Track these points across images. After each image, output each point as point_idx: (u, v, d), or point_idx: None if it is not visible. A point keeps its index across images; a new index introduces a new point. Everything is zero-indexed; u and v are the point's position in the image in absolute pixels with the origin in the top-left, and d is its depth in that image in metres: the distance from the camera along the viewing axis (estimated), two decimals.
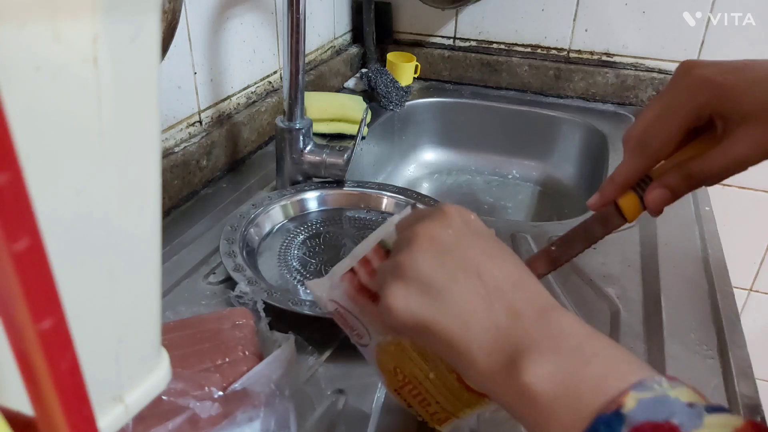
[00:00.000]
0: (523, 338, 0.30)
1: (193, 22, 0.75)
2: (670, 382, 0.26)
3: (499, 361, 0.30)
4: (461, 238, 0.33)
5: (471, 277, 0.32)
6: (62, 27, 0.18)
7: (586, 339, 0.29)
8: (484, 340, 0.30)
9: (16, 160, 0.14)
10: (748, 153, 0.39)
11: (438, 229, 0.33)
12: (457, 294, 0.31)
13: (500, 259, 0.33)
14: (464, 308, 0.31)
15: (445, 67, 1.24)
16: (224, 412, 0.38)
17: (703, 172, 0.41)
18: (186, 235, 0.70)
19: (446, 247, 0.33)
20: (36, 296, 0.16)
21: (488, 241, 0.34)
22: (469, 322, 0.31)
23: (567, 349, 0.29)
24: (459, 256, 0.32)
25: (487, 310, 0.31)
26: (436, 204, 0.36)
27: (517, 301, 0.31)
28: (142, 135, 0.23)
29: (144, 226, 0.25)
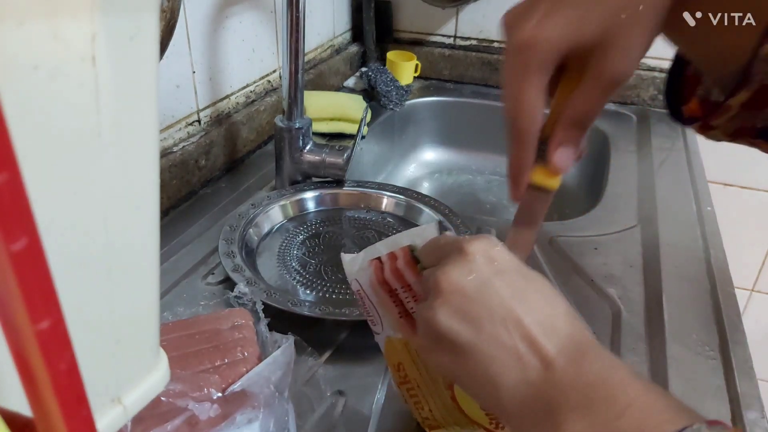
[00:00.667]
0: (555, 393, 0.29)
1: (192, 21, 0.75)
2: (711, 428, 0.25)
3: (530, 415, 0.29)
4: (485, 284, 0.32)
5: (497, 327, 0.31)
6: (61, 26, 0.18)
7: (619, 387, 0.28)
8: (516, 395, 0.30)
9: (14, 159, 0.14)
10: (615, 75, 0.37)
11: (459, 277, 0.32)
12: (483, 350, 0.30)
13: (527, 300, 0.32)
14: (492, 366, 0.30)
15: (445, 66, 1.24)
16: (223, 413, 0.38)
17: (583, 110, 0.38)
18: (184, 235, 0.70)
19: (469, 296, 0.32)
20: (34, 297, 0.15)
21: (515, 279, 0.32)
22: (499, 379, 0.30)
23: (599, 401, 0.28)
24: (483, 305, 0.31)
25: (515, 364, 0.30)
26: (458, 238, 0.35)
27: (548, 349, 0.30)
28: (141, 134, 0.23)
29: (142, 226, 0.25)
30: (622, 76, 0.37)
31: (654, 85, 1.12)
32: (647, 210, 0.79)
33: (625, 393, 0.28)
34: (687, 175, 0.90)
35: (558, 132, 0.40)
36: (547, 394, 0.29)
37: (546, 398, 0.29)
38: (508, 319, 0.31)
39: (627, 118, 1.10)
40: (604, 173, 0.92)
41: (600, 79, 0.37)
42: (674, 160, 0.95)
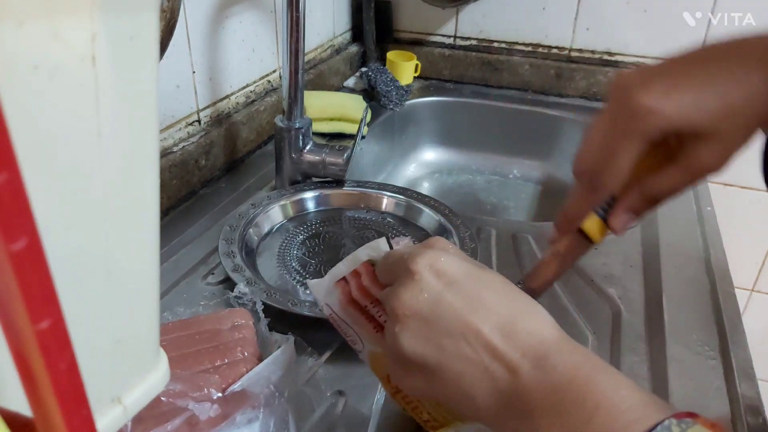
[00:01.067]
0: (525, 399, 0.29)
1: (192, 21, 0.75)
2: (680, 422, 0.25)
3: (510, 422, 0.30)
4: (437, 300, 0.32)
5: (458, 342, 0.30)
6: (61, 26, 0.18)
7: (585, 386, 0.28)
8: (491, 405, 0.30)
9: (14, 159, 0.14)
10: (707, 166, 0.38)
11: (411, 300, 0.32)
12: (450, 368, 0.31)
13: (483, 306, 0.31)
14: (462, 381, 0.30)
15: (445, 66, 1.24)
16: (223, 413, 0.38)
17: (664, 190, 0.40)
18: (184, 235, 0.70)
19: (425, 317, 0.31)
20: (34, 297, 0.15)
21: (467, 287, 0.32)
22: (472, 392, 0.30)
23: (569, 404, 0.28)
24: (440, 323, 0.31)
25: (483, 375, 0.30)
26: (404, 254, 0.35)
27: (510, 355, 0.30)
28: (141, 134, 0.23)
29: (142, 225, 0.25)
30: (714, 171, 0.38)
31: None
32: None
33: (592, 393, 0.28)
34: None
35: (630, 198, 0.41)
36: (519, 400, 0.29)
37: (519, 405, 0.29)
38: (466, 331, 0.30)
39: None
40: None
41: (691, 168, 0.38)
42: None
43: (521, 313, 0.31)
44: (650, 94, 0.36)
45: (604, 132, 0.39)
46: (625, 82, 0.37)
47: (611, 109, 0.38)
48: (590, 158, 0.39)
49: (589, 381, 0.28)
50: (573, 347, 0.30)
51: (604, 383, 0.28)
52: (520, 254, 0.69)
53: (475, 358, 0.30)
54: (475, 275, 0.33)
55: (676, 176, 0.39)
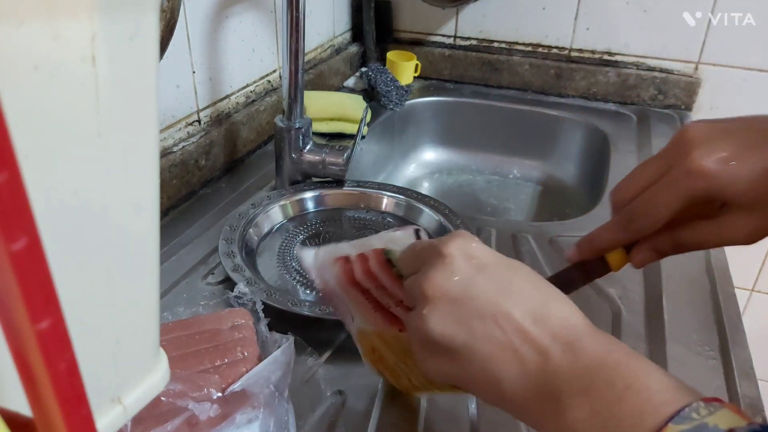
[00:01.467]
0: (555, 381, 0.29)
1: (192, 20, 0.75)
2: (707, 405, 0.26)
3: (534, 405, 0.30)
4: (469, 283, 0.32)
5: (488, 324, 0.31)
6: (61, 26, 0.18)
7: (616, 369, 0.28)
8: (518, 388, 0.30)
9: (14, 159, 0.14)
10: (740, 237, 0.38)
11: (442, 281, 0.32)
12: (479, 350, 0.31)
13: (514, 291, 0.32)
14: (490, 363, 0.30)
15: (445, 66, 1.24)
16: (223, 413, 0.38)
17: (693, 243, 0.40)
18: (184, 235, 0.70)
19: (455, 299, 0.32)
20: (34, 297, 0.15)
21: (498, 272, 0.33)
22: (499, 375, 0.30)
23: (598, 385, 0.28)
24: (471, 305, 0.31)
25: (512, 358, 0.30)
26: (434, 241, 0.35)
27: (541, 338, 0.30)
28: (141, 134, 0.23)
29: (142, 225, 0.25)
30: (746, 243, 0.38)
31: (654, 85, 1.12)
32: None
33: (622, 375, 0.28)
34: None
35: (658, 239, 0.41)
36: (547, 382, 0.29)
37: (547, 387, 0.29)
38: (498, 314, 0.31)
39: (627, 118, 1.10)
40: (604, 173, 0.92)
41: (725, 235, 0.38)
42: None
43: (551, 299, 0.32)
44: (711, 158, 0.36)
45: (654, 175, 0.39)
46: (692, 137, 0.37)
47: (668, 157, 0.38)
48: (632, 195, 0.40)
49: (619, 364, 0.28)
50: (603, 334, 0.31)
51: (635, 366, 0.28)
52: (520, 254, 0.69)
53: (506, 341, 0.30)
54: (505, 262, 0.33)
55: (709, 236, 0.39)
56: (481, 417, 0.47)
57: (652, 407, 0.26)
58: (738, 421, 0.25)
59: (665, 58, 1.12)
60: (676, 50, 1.11)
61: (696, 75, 1.11)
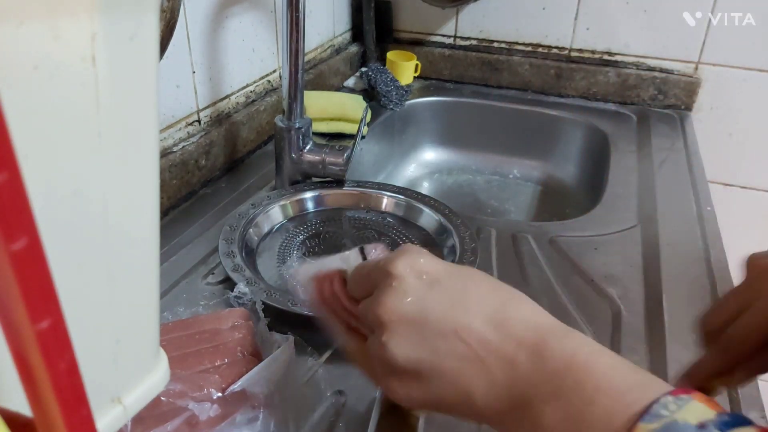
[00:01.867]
0: (524, 387, 0.29)
1: (192, 20, 0.75)
2: (676, 399, 0.25)
3: (510, 415, 0.29)
4: (423, 302, 0.31)
5: (450, 340, 0.30)
6: (61, 25, 0.18)
7: (584, 369, 0.28)
8: (490, 400, 0.30)
9: (14, 159, 0.14)
10: None
11: (396, 304, 0.31)
12: (445, 367, 0.30)
13: (470, 301, 0.31)
14: (458, 378, 0.30)
15: (445, 66, 1.24)
16: (223, 413, 0.38)
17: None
18: (184, 235, 0.70)
19: (413, 320, 0.31)
20: (34, 296, 0.15)
21: (451, 285, 0.32)
22: (468, 390, 0.30)
23: (568, 389, 0.28)
24: (430, 324, 0.31)
25: (479, 370, 0.30)
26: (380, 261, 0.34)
27: (505, 346, 0.30)
28: (141, 134, 0.23)
29: (142, 225, 0.25)
30: None
31: (654, 85, 1.12)
32: (647, 210, 0.79)
33: (591, 376, 0.28)
34: (687, 175, 0.90)
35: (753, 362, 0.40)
36: (517, 390, 0.29)
37: (518, 395, 0.29)
38: (458, 328, 0.30)
39: (627, 118, 1.10)
40: (604, 173, 0.92)
41: None
42: (674, 160, 0.95)
43: (509, 301, 0.31)
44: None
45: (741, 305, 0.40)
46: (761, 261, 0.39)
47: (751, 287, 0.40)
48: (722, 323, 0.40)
49: (587, 364, 0.28)
50: (567, 331, 0.30)
51: (603, 365, 0.28)
52: (520, 254, 0.69)
53: (470, 355, 0.30)
54: (455, 272, 0.33)
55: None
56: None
57: (621, 407, 0.26)
58: (707, 412, 0.25)
59: (665, 58, 1.12)
60: (676, 50, 1.11)
61: (696, 75, 1.11)
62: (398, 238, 0.71)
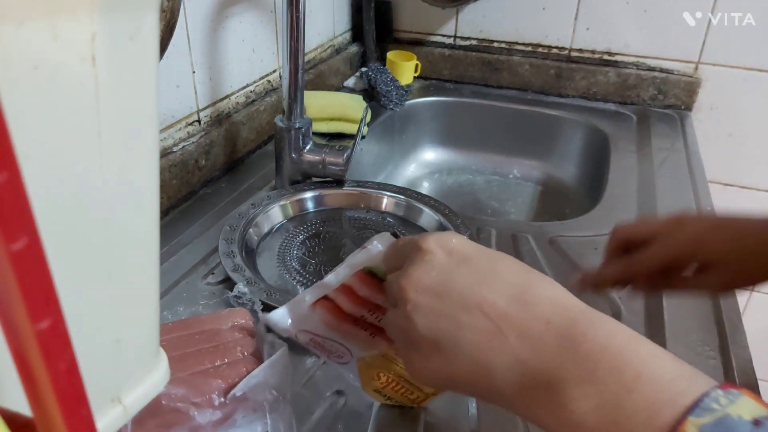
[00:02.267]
0: (552, 369, 0.27)
1: (192, 21, 0.75)
2: (726, 393, 0.24)
3: (532, 395, 0.28)
4: (449, 276, 0.31)
5: (474, 314, 0.29)
6: (61, 26, 0.18)
7: (622, 355, 0.26)
8: (511, 377, 0.28)
9: (14, 159, 0.14)
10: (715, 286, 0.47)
11: (422, 277, 0.31)
12: (466, 341, 0.29)
13: (497, 278, 0.30)
14: (479, 353, 0.29)
15: (445, 66, 1.24)
16: (223, 415, 0.38)
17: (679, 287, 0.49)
18: (184, 235, 0.70)
19: (437, 292, 0.31)
20: (34, 296, 0.15)
21: (479, 264, 0.31)
22: (490, 365, 0.29)
23: (604, 373, 0.26)
24: (454, 297, 0.30)
25: (502, 346, 0.28)
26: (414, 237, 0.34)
27: (532, 322, 0.28)
28: (141, 134, 0.23)
29: (142, 225, 0.25)
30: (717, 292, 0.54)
31: (654, 85, 1.12)
32: (647, 210, 0.79)
33: (630, 362, 0.26)
34: (687, 175, 0.90)
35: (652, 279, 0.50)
36: (544, 369, 0.27)
37: (544, 374, 0.27)
38: (483, 303, 0.29)
39: (627, 118, 1.10)
40: (604, 173, 0.92)
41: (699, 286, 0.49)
42: (674, 160, 0.95)
43: (538, 283, 0.30)
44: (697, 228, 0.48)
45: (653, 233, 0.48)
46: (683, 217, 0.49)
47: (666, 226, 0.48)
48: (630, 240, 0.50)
49: (624, 349, 0.26)
50: (600, 316, 0.29)
51: (643, 352, 0.26)
52: (520, 254, 0.69)
53: (493, 329, 0.29)
54: (487, 254, 0.32)
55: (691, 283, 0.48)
56: (481, 417, 0.47)
57: (667, 398, 0.24)
58: (759, 409, 0.23)
59: (665, 58, 1.12)
60: (676, 50, 1.11)
61: (696, 75, 1.11)
62: None
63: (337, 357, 0.42)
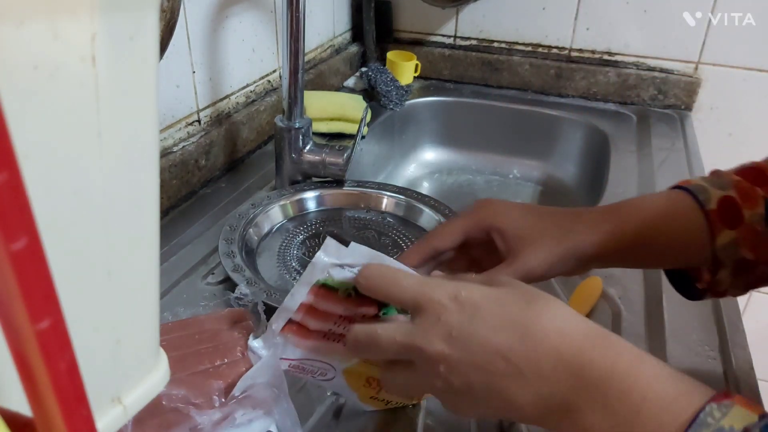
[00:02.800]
0: (569, 397, 0.31)
1: (192, 20, 0.75)
2: (720, 406, 0.27)
3: (555, 422, 0.32)
4: (467, 331, 0.33)
5: (497, 361, 0.32)
6: (61, 25, 0.18)
7: (628, 378, 0.29)
8: (537, 412, 0.32)
9: (14, 159, 0.14)
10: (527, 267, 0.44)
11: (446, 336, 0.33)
12: (496, 386, 0.32)
13: (507, 321, 0.33)
14: (507, 394, 0.32)
15: (445, 66, 1.24)
16: (223, 414, 0.38)
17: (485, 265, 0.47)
18: (184, 235, 0.70)
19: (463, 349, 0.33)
20: (34, 296, 0.15)
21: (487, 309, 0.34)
22: (518, 403, 0.32)
23: (614, 398, 0.29)
24: (476, 350, 0.33)
25: (525, 386, 0.32)
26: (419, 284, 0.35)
27: (544, 358, 0.31)
28: (141, 134, 0.23)
29: (142, 226, 0.25)
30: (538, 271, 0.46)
31: (654, 85, 1.12)
32: None
33: (636, 385, 0.29)
34: (687, 175, 0.90)
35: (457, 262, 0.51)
36: (562, 400, 0.31)
37: (563, 404, 0.31)
38: (500, 349, 0.32)
39: (627, 118, 1.10)
40: (604, 173, 0.92)
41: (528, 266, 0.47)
42: (674, 160, 0.95)
43: (541, 311, 0.33)
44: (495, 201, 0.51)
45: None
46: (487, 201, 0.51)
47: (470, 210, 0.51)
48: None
49: (629, 373, 0.30)
50: (605, 337, 0.32)
51: (646, 374, 0.30)
52: None
53: (515, 372, 0.32)
54: (491, 295, 0.34)
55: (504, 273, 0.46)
56: (481, 417, 0.47)
57: (669, 418, 0.27)
58: (750, 416, 0.26)
59: (665, 58, 1.12)
60: (676, 50, 1.11)
61: (696, 75, 1.11)
62: (398, 238, 0.71)
63: (321, 376, 0.42)
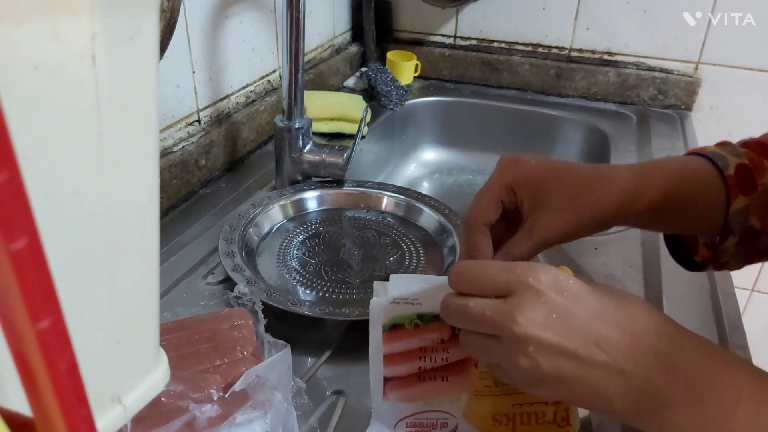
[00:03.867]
0: (663, 393, 0.31)
1: (192, 20, 0.75)
2: None
3: (645, 417, 0.32)
4: (567, 317, 0.33)
5: (592, 350, 0.32)
6: (61, 25, 0.18)
7: (723, 377, 0.31)
8: (628, 403, 0.32)
9: (14, 159, 0.14)
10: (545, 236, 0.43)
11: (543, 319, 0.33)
12: (587, 374, 0.32)
13: (606, 313, 0.33)
14: (598, 385, 0.32)
15: (445, 66, 1.24)
16: (223, 413, 0.38)
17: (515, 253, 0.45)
18: (184, 235, 0.70)
19: (558, 333, 0.33)
20: (34, 296, 0.15)
21: (586, 299, 0.34)
22: (609, 395, 0.32)
23: (707, 397, 0.30)
24: (573, 336, 0.33)
25: (618, 378, 0.32)
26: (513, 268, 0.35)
27: (642, 353, 0.32)
28: (141, 134, 0.23)
29: (142, 225, 0.25)
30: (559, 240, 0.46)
31: (654, 85, 1.12)
32: None
33: (731, 384, 0.30)
34: None
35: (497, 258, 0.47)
36: (654, 396, 0.31)
37: (655, 400, 0.31)
38: (599, 339, 0.32)
39: (627, 118, 1.10)
40: None
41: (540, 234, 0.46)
42: None
43: (637, 310, 0.34)
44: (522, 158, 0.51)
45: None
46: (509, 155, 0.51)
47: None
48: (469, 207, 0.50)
49: (725, 372, 0.31)
50: (698, 340, 0.33)
51: (740, 373, 0.31)
52: None
53: (612, 363, 0.32)
54: (586, 287, 0.35)
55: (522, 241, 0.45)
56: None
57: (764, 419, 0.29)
58: None
59: (665, 58, 1.12)
60: (676, 50, 1.11)
61: (696, 75, 1.11)
62: (398, 238, 0.71)
63: (443, 428, 0.41)
